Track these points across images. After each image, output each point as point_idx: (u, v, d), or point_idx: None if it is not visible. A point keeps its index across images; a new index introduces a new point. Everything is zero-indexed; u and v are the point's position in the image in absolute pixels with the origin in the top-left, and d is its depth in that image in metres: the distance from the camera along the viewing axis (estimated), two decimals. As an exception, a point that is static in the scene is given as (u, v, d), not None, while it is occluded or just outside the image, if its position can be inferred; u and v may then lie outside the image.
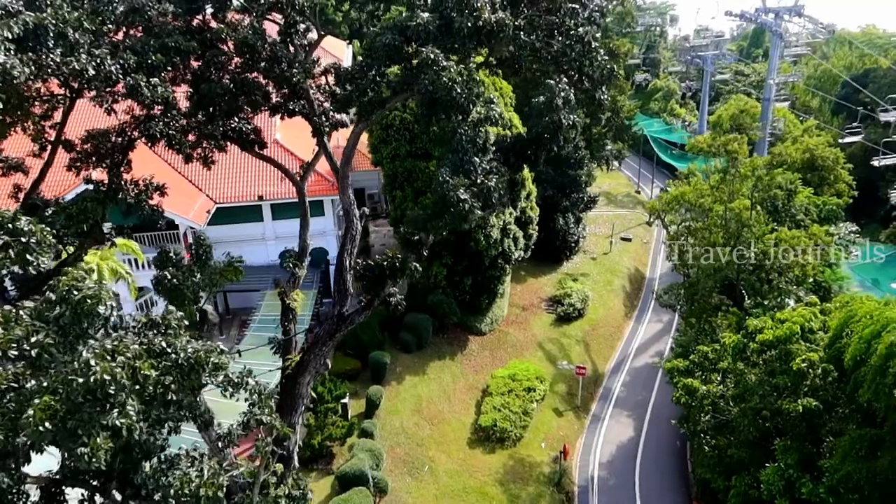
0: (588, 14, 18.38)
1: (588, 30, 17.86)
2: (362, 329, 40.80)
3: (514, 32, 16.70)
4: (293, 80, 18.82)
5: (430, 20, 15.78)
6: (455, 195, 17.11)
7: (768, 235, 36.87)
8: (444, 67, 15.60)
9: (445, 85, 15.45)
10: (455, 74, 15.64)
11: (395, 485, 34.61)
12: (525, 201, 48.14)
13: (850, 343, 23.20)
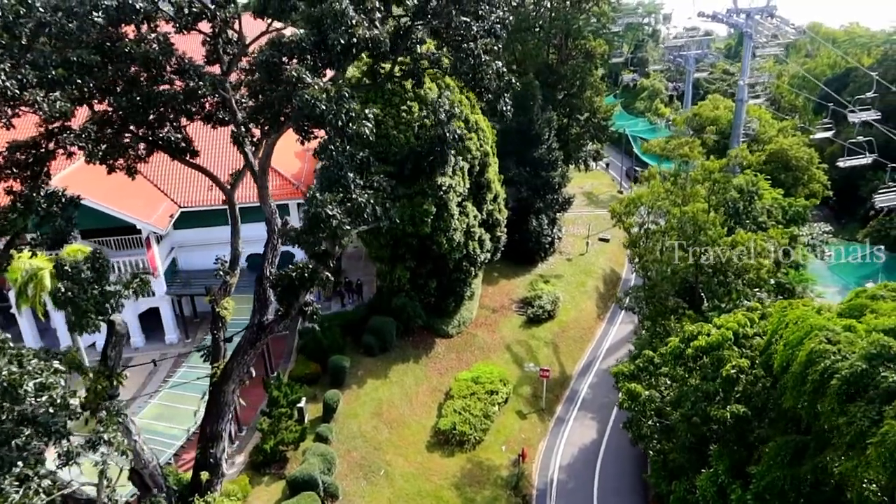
0: (489, 27, 18.44)
1: (475, 45, 17.87)
2: (323, 333, 41.04)
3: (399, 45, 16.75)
4: (198, 92, 18.92)
5: (303, 36, 15.88)
6: (323, 211, 17.20)
7: (725, 238, 36.84)
8: (308, 84, 15.68)
9: (308, 102, 15.53)
10: (318, 92, 15.72)
11: (350, 489, 34.75)
12: (492, 204, 48.20)
13: (778, 349, 23.23)
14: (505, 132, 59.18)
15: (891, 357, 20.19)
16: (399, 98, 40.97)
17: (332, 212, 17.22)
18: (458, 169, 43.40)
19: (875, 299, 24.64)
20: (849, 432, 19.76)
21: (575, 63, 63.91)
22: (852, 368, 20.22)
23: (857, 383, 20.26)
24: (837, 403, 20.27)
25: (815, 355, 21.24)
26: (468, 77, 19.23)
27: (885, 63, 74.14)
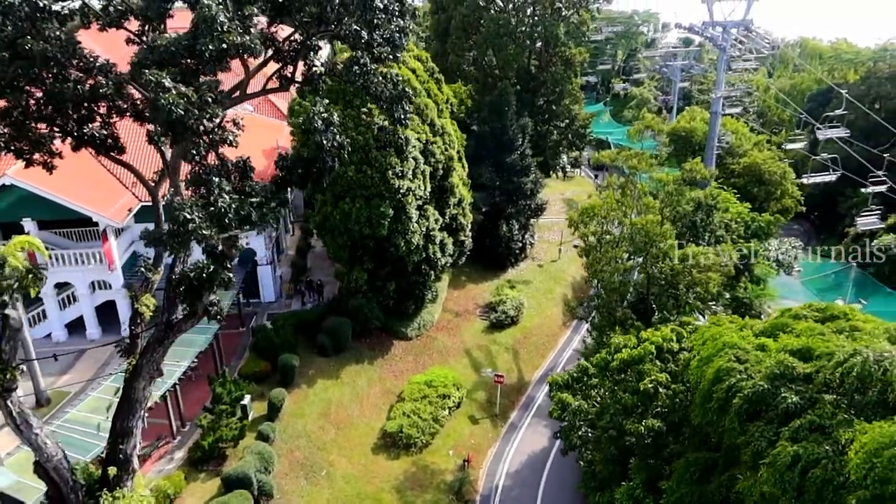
0: (388, 35, 18.48)
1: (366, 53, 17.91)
2: (276, 331, 41.14)
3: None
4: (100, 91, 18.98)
5: (174, 41, 15.94)
6: (182, 215, 17.25)
7: (676, 251, 36.83)
8: (167, 89, 15.75)
9: (163, 107, 15.59)
10: (176, 97, 15.78)
11: (289, 488, 34.83)
12: (455, 208, 48.24)
13: (692, 366, 23.26)
14: (479, 137, 59.39)
15: (793, 378, 20.21)
16: (360, 100, 41.05)
17: (192, 215, 17.27)
18: (420, 172, 43.45)
19: (797, 319, 24.64)
20: (746, 452, 19.76)
21: (554, 70, 63.92)
22: (754, 388, 20.23)
23: (758, 403, 20.29)
24: (738, 422, 20.28)
25: (721, 373, 21.27)
26: (357, 84, 19.28)
27: (868, 80, 74.05)
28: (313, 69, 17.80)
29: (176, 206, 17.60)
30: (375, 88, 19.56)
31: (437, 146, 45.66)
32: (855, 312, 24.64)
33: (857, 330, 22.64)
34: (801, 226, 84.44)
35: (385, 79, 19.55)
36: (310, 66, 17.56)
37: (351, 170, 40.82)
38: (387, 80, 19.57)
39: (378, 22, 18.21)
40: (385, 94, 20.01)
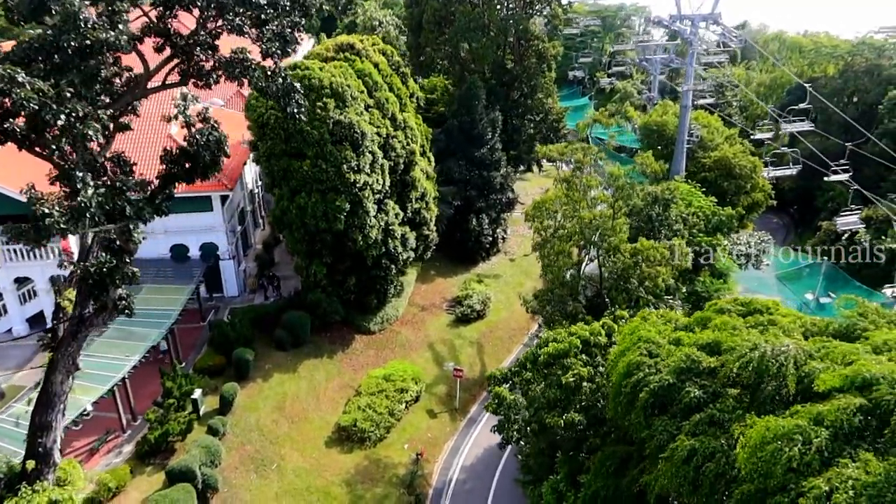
0: (279, 30, 18.50)
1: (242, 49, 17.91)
2: (232, 326, 41.29)
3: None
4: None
5: (38, 37, 15.98)
6: (39, 209, 17.35)
7: (626, 245, 36.86)
8: (20, 84, 15.80)
9: (20, 102, 15.65)
10: (31, 93, 15.85)
11: (238, 481, 35.02)
12: (418, 202, 48.27)
13: (609, 359, 23.33)
14: (448, 131, 59.38)
15: (699, 372, 20.27)
16: (316, 94, 41.06)
17: (50, 210, 17.37)
18: (378, 166, 43.48)
19: (720, 312, 24.67)
20: (649, 446, 19.85)
21: (527, 64, 63.82)
22: (660, 382, 20.29)
23: (664, 397, 20.34)
24: (644, 416, 20.35)
25: (631, 367, 21.34)
26: (239, 78, 19.30)
27: (845, 74, 73.80)
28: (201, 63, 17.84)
29: (33, 200, 17.70)
30: (257, 83, 19.58)
31: (397, 140, 45.70)
32: (779, 307, 24.66)
33: (773, 324, 22.65)
34: (780, 219, 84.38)
35: (273, 74, 19.57)
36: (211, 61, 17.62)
37: (306, 164, 40.89)
38: (274, 75, 19.60)
39: (266, 17, 18.28)
40: (272, 88, 20.04)
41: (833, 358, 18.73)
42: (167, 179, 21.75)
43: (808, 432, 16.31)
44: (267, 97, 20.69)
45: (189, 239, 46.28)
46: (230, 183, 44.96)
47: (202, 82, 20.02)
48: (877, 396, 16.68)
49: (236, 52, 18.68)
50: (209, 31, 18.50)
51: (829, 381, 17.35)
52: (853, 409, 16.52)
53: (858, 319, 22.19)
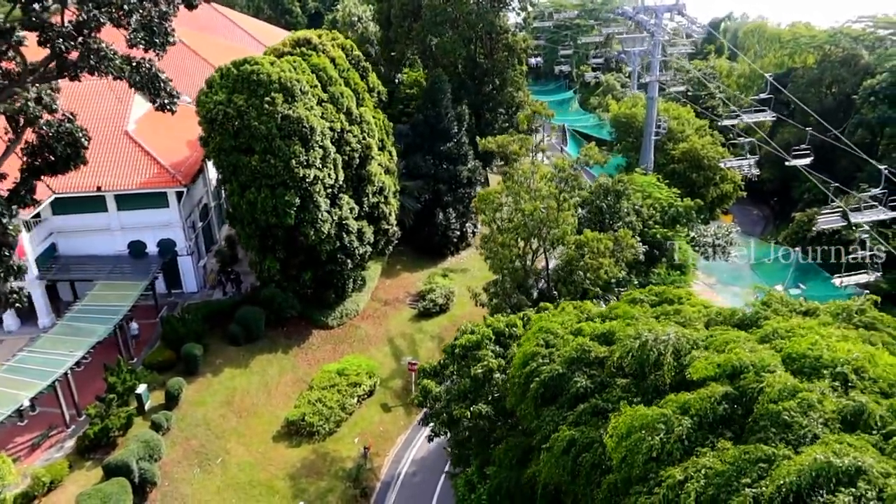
0: (146, 22, 18.45)
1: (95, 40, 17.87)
2: (181, 321, 41.35)
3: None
4: None
5: None
6: None
7: (571, 237, 36.70)
8: None
9: None
10: None
11: (180, 475, 35.12)
12: (375, 196, 48.16)
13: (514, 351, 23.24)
14: (414, 126, 59.26)
15: (589, 362, 20.15)
16: (264, 89, 41.03)
17: None
18: (330, 161, 43.41)
19: (633, 303, 24.52)
20: (537, 436, 19.76)
21: (497, 58, 63.60)
22: (551, 372, 20.18)
23: (555, 387, 20.23)
24: (534, 407, 20.25)
25: (527, 357, 21.23)
26: (95, 69, 19.24)
27: (822, 64, 73.21)
28: (62, 55, 17.81)
29: None
30: (119, 74, 19.54)
31: (352, 135, 45.58)
32: (691, 296, 24.48)
33: (678, 313, 22.49)
34: (760, 211, 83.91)
35: (137, 65, 19.51)
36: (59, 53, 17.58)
37: (255, 159, 40.87)
38: (139, 66, 19.53)
39: (129, 7, 18.23)
40: (135, 78, 19.99)
41: (716, 347, 18.56)
42: (30, 172, 21.73)
43: (672, 421, 16.18)
44: (133, 88, 20.51)
45: (146, 235, 46.41)
46: (185, 179, 44.99)
47: (69, 74, 19.99)
48: (743, 385, 16.52)
49: (90, 41, 18.62)
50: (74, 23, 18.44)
51: (701, 370, 17.20)
52: (718, 398, 16.38)
53: (762, 309, 21.99)
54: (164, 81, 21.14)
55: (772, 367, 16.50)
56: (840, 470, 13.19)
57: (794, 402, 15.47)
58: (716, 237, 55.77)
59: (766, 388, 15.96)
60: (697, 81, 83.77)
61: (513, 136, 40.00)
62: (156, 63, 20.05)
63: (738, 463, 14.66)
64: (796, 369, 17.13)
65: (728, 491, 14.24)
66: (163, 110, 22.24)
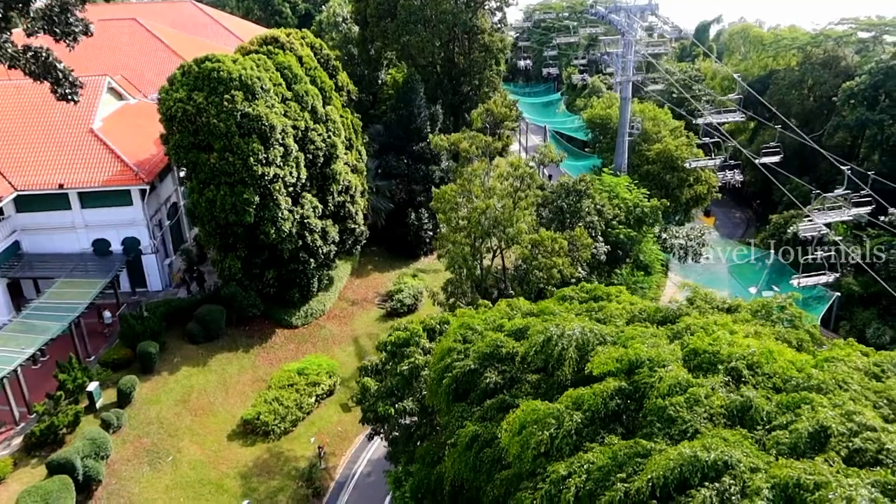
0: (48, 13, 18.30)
1: None
2: (138, 319, 41.21)
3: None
4: None
5: None
6: None
7: (525, 236, 36.48)
8: None
9: None
10: None
11: (128, 473, 34.92)
12: (342, 195, 48.01)
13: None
14: (388, 125, 59.14)
15: (501, 357, 19.91)
16: (224, 87, 40.93)
17: None
18: (292, 159, 43.28)
19: (563, 300, 24.29)
20: (447, 432, 19.51)
21: (474, 58, 63.49)
22: (463, 368, 19.95)
23: (467, 383, 20.00)
24: (446, 402, 20.02)
25: (444, 353, 21.01)
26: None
27: (803, 66, 72.90)
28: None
29: None
30: (12, 64, 19.39)
31: (317, 133, 45.43)
32: (621, 293, 24.23)
33: (602, 310, 22.25)
34: (743, 214, 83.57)
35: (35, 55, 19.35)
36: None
37: (213, 157, 40.77)
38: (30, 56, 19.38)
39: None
40: (30, 67, 19.86)
41: (622, 342, 18.30)
42: None
43: (563, 416, 15.93)
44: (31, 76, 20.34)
45: (110, 233, 46.33)
46: (148, 177, 44.91)
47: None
48: (637, 380, 16.27)
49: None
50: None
51: (600, 366, 16.95)
52: (610, 393, 16.12)
53: (684, 306, 21.74)
54: (63, 71, 20.98)
55: (666, 363, 16.23)
56: (706, 464, 12.93)
57: (681, 397, 15.21)
58: (688, 239, 55.53)
59: (657, 383, 15.70)
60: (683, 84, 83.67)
61: (464, 134, 39.73)
62: (54, 53, 19.92)
63: (617, 458, 14.41)
64: (696, 365, 16.88)
65: (604, 486, 13.98)
66: (65, 100, 22.10)
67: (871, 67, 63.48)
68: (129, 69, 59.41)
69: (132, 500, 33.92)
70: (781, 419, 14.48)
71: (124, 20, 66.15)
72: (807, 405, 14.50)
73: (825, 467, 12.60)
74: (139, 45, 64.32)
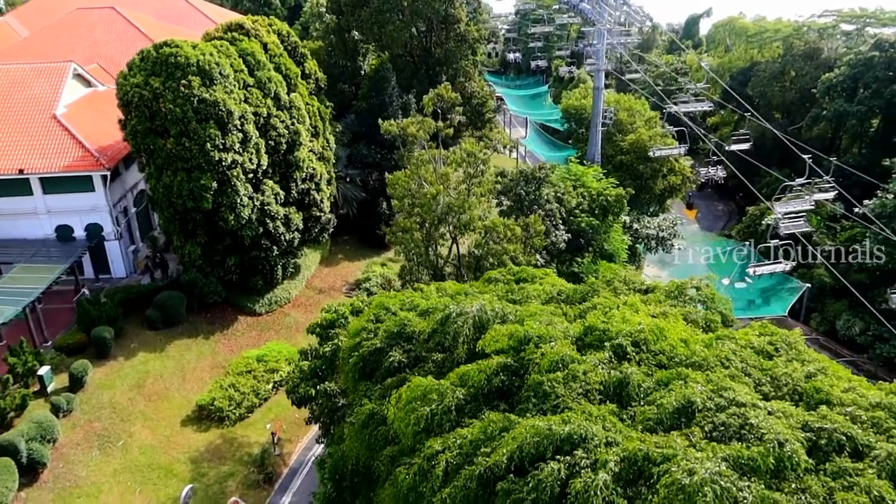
0: None
1: None
2: (93, 304, 41.16)
3: None
4: None
5: None
6: None
7: (479, 223, 36.27)
8: None
9: None
10: None
11: (76, 458, 34.86)
12: (306, 183, 47.85)
13: (358, 328, 22.85)
14: (359, 114, 58.92)
15: (407, 336, 19.75)
16: (182, 72, 40.76)
17: None
18: (252, 145, 43.11)
19: (489, 282, 24.12)
20: (350, 411, 19.37)
21: (448, 47, 63.19)
22: (370, 347, 19.80)
23: (374, 362, 19.85)
24: (353, 381, 19.88)
25: (356, 332, 20.86)
26: None
27: (784, 57, 72.40)
28: None
29: None
30: None
31: (279, 120, 45.26)
32: (549, 276, 24.04)
33: (522, 291, 22.06)
34: (726, 206, 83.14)
35: None
36: None
37: (170, 142, 40.60)
38: None
39: None
40: None
41: (521, 320, 18.10)
42: None
43: (446, 392, 15.76)
44: None
45: (73, 219, 46.21)
46: (109, 162, 44.76)
47: None
48: (523, 356, 16.08)
49: None
50: None
51: (491, 343, 16.78)
52: (495, 369, 15.94)
53: (601, 286, 21.53)
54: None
55: (553, 339, 16.04)
56: (560, 437, 12.74)
57: (560, 374, 15.02)
58: (659, 229, 55.26)
59: (539, 359, 15.51)
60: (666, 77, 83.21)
61: (413, 119, 39.51)
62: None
63: (487, 432, 14.23)
64: (588, 342, 16.67)
65: (470, 461, 13.81)
66: None
67: (849, 59, 62.97)
68: (106, 58, 59.29)
69: (78, 484, 33.89)
70: (655, 395, 14.27)
71: (103, 9, 65.92)
72: (681, 381, 14.30)
73: (679, 441, 12.41)
74: (117, 34, 64.12)
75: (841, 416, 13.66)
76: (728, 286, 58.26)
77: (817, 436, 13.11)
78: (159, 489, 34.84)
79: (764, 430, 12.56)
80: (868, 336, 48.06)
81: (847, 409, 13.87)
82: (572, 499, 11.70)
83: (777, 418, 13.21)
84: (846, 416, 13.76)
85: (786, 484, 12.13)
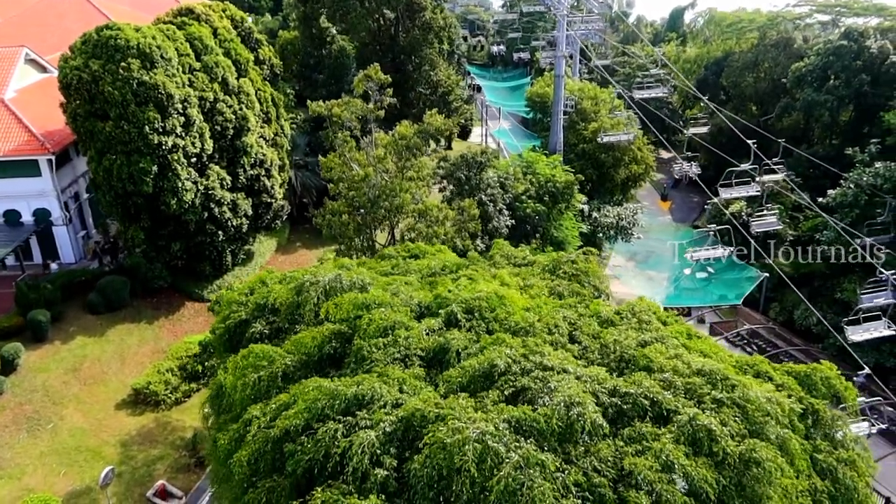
0: None
1: None
2: (29, 288, 41.03)
3: None
4: None
5: None
6: None
7: (411, 206, 35.97)
8: None
9: None
10: None
11: (3, 440, 34.78)
12: (255, 169, 47.60)
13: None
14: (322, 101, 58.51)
15: (272, 308, 19.50)
16: (122, 55, 40.54)
17: None
18: (195, 129, 42.86)
19: (384, 258, 23.82)
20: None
21: (412, 36, 62.83)
22: (236, 319, 19.55)
23: (239, 333, 19.61)
24: (220, 354, 19.67)
25: (227, 305, 20.60)
26: None
27: (757, 47, 71.75)
28: None
29: None
30: None
31: (226, 105, 45.01)
32: (440, 253, 23.73)
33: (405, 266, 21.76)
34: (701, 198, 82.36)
35: None
36: None
37: (109, 125, 40.39)
38: None
39: None
40: None
41: (381, 288, 17.81)
42: None
43: (275, 359, 15.47)
44: None
45: (20, 204, 46.12)
46: (54, 146, 44.61)
47: None
48: (357, 323, 15.78)
49: None
50: None
51: (333, 311, 16.49)
52: (328, 336, 15.65)
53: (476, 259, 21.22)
54: None
55: (384, 306, 15.73)
56: (346, 398, 12.44)
57: (383, 339, 14.71)
58: (619, 218, 54.84)
59: (367, 326, 15.21)
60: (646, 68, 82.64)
61: (341, 100, 39.22)
62: None
63: (296, 396, 13.95)
64: (433, 311, 16.35)
65: (270, 426, 13.53)
66: None
67: (818, 48, 62.30)
68: (73, 44, 58.99)
69: (2, 466, 33.78)
70: (471, 360, 13.93)
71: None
72: (497, 346, 13.95)
73: (463, 402, 12.08)
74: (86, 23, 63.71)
75: (656, 382, 13.30)
76: (690, 275, 57.90)
77: (622, 401, 12.76)
78: (84, 471, 34.63)
79: (558, 394, 12.21)
80: (822, 326, 47.51)
81: (664, 374, 13.51)
82: (343, 456, 11.40)
83: (583, 383, 12.86)
84: (662, 382, 13.39)
85: (574, 447, 11.78)
